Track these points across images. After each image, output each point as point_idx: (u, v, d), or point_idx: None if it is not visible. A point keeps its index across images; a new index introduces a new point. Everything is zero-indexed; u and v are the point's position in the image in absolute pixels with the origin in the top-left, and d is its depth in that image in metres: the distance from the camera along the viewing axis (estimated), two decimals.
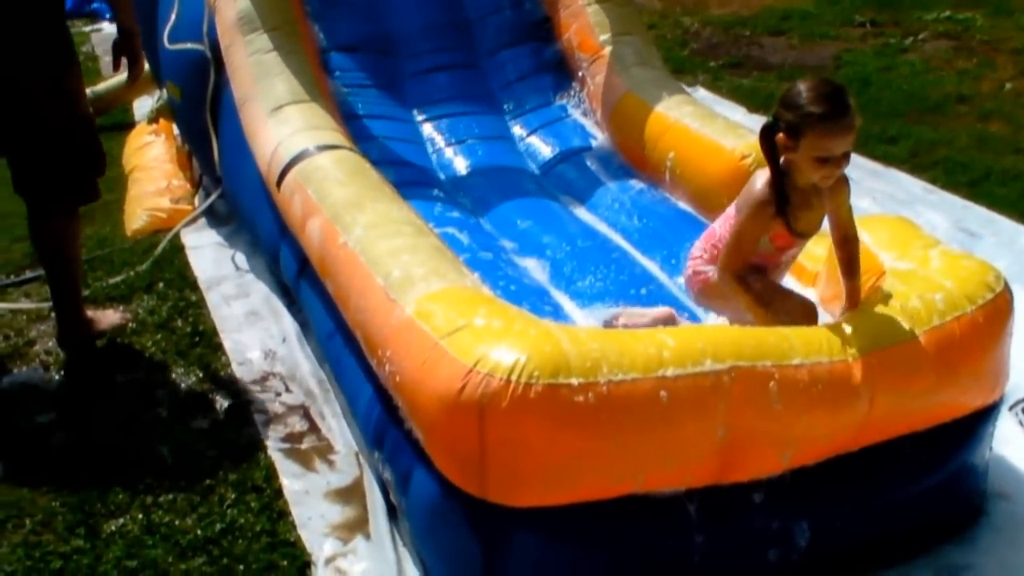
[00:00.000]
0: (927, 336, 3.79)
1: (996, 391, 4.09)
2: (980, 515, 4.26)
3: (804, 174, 3.84)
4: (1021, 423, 4.82)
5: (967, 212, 7.01)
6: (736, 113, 8.59)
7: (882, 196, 7.13)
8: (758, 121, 7.92)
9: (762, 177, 3.93)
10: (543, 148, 6.52)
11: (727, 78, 9.99)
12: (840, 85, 3.81)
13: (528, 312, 3.77)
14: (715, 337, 3.62)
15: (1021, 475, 4.49)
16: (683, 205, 5.79)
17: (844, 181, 3.97)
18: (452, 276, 3.97)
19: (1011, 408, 4.81)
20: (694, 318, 4.74)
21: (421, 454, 3.65)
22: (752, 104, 8.96)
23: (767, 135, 3.84)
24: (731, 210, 4.16)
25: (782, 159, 3.84)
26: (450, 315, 3.61)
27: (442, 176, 6.24)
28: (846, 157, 3.80)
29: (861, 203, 6.95)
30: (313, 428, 4.80)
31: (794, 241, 4.08)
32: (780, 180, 3.86)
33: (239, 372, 5.21)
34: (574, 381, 3.32)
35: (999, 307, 3.97)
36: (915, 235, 4.36)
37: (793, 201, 3.90)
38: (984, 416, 4.09)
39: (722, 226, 4.23)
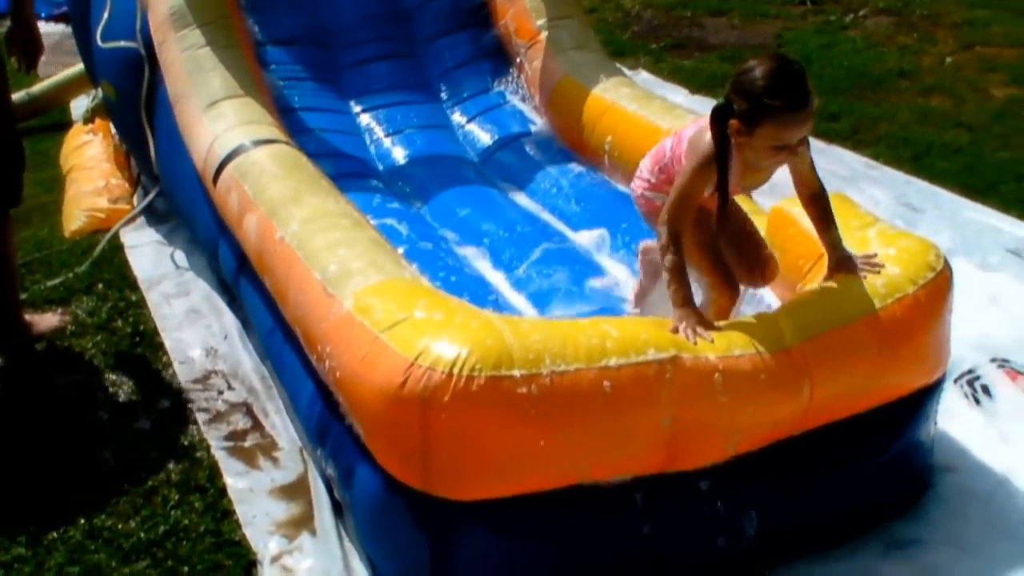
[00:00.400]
0: (868, 319, 3.78)
1: (939, 369, 4.09)
2: (927, 489, 4.27)
3: (755, 157, 3.74)
4: (967, 395, 4.84)
5: (909, 187, 7.03)
6: (678, 95, 8.60)
7: (824, 173, 6.94)
8: (700, 102, 8.07)
9: (704, 141, 3.79)
10: (482, 135, 6.50)
11: (669, 60, 9.97)
12: (798, 69, 3.64)
13: (469, 303, 3.74)
14: (657, 327, 3.60)
15: (966, 447, 4.51)
16: (622, 187, 5.75)
17: (806, 148, 3.83)
18: (390, 268, 3.93)
19: (956, 380, 4.84)
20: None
21: (364, 450, 3.61)
22: (694, 85, 8.95)
23: (719, 119, 3.69)
24: (688, 130, 4.03)
25: (732, 141, 3.72)
26: (389, 308, 3.57)
27: (381, 167, 6.21)
28: (802, 142, 3.71)
29: None
30: (256, 425, 4.75)
31: (738, 192, 4.00)
32: (724, 163, 3.75)
33: (181, 371, 5.14)
34: (517, 373, 3.29)
35: (940, 286, 3.96)
36: (853, 213, 4.34)
37: (739, 169, 3.81)
38: (928, 394, 4.09)
39: (673, 149, 4.11)
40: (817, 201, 3.97)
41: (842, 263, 3.95)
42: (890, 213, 6.45)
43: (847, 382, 3.78)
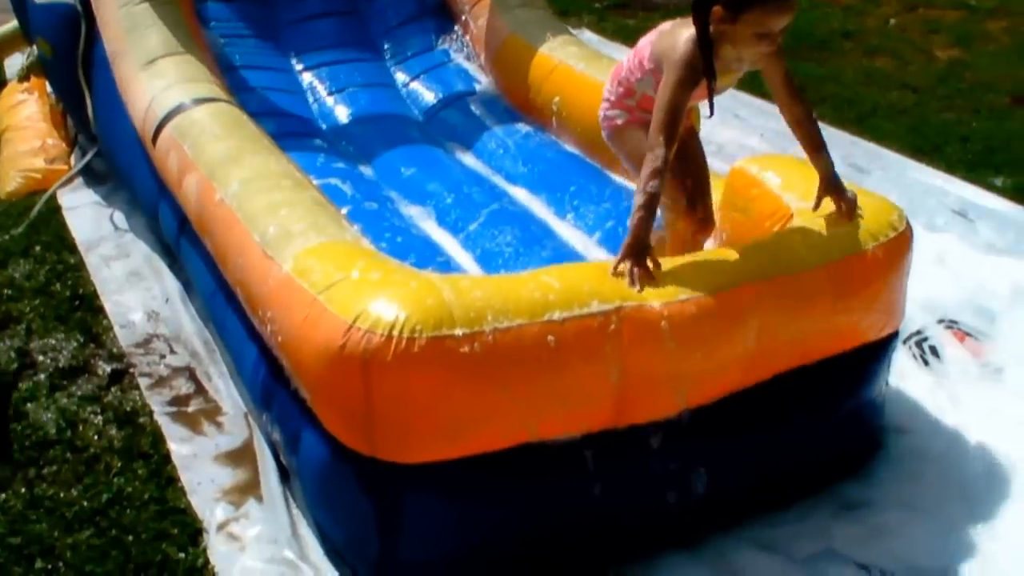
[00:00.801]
0: (824, 268, 3.77)
1: (890, 324, 4.09)
2: (878, 449, 4.29)
3: (736, 47, 3.66)
4: (915, 356, 4.87)
5: (855, 147, 7.04)
6: (622, 54, 8.44)
7: (771, 133, 7.11)
8: None
9: (684, 35, 3.68)
10: (426, 94, 6.44)
11: (612, 19, 9.95)
12: None
13: (407, 265, 3.68)
14: (600, 276, 3.54)
15: (917, 408, 4.53)
16: (570, 148, 5.74)
17: (780, 57, 3.82)
18: (331, 230, 3.87)
19: (905, 341, 4.86)
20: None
21: (309, 414, 3.56)
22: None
23: (702, 6, 3.59)
24: (645, 54, 3.94)
25: (712, 29, 3.62)
26: (327, 269, 3.51)
27: (323, 126, 6.14)
28: (782, 32, 3.64)
29: (750, 141, 6.98)
30: (200, 390, 4.68)
31: (701, 96, 3.88)
32: (709, 53, 3.64)
33: (122, 335, 5.05)
34: (458, 332, 3.22)
35: (900, 245, 3.96)
36: (814, 174, 4.32)
37: (720, 67, 3.73)
38: (879, 349, 4.09)
39: (630, 61, 4.05)
40: (804, 123, 3.95)
41: (835, 186, 3.97)
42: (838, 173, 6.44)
43: (796, 328, 3.76)
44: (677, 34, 3.73)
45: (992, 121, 7.64)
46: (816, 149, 3.95)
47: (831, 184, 3.97)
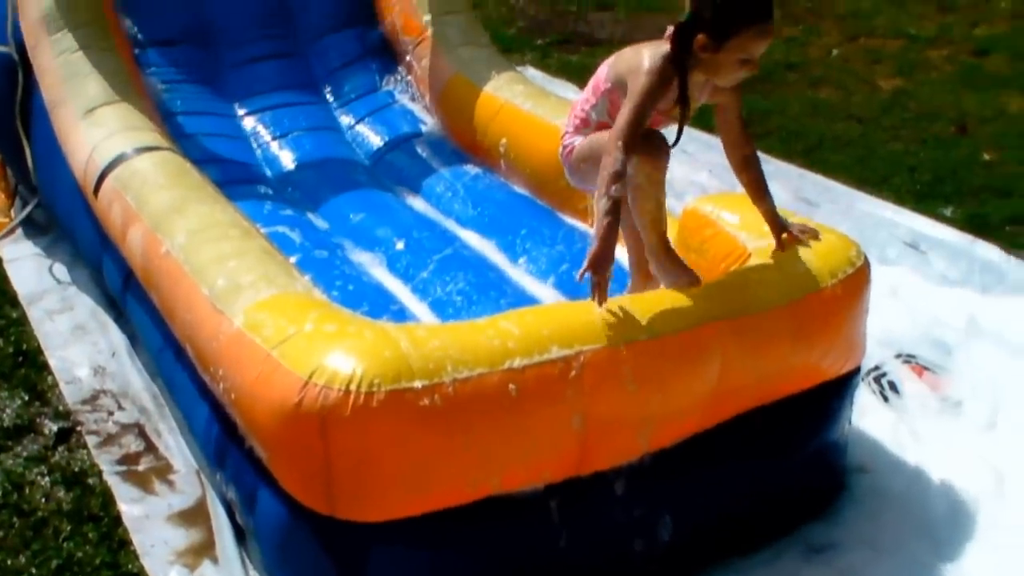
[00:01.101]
0: (784, 308, 3.75)
1: (854, 359, 4.08)
2: (842, 490, 4.26)
3: (714, 74, 3.65)
4: (875, 392, 4.87)
5: (804, 181, 7.05)
6: (567, 91, 8.49)
7: (719, 169, 7.00)
8: None
9: (653, 52, 3.64)
10: (372, 137, 6.38)
11: (556, 55, 9.92)
12: None
13: (360, 315, 3.61)
14: (559, 320, 3.48)
15: (878, 445, 4.50)
16: (520, 189, 5.69)
17: (739, 91, 3.83)
18: (282, 281, 3.79)
19: (864, 378, 4.84)
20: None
21: (265, 473, 3.48)
22: (582, 81, 8.76)
23: (684, 35, 3.57)
24: (601, 76, 3.90)
25: (695, 59, 3.61)
26: (280, 323, 3.43)
27: (268, 172, 6.06)
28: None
29: (699, 177, 6.95)
30: (150, 447, 4.56)
31: (659, 124, 3.84)
32: (685, 80, 3.62)
33: (68, 392, 4.92)
34: (417, 384, 3.16)
35: (858, 281, 3.95)
36: None
37: (695, 92, 3.71)
38: (842, 385, 4.08)
39: (584, 95, 4.01)
40: (750, 166, 3.94)
41: (783, 227, 3.97)
42: (787, 207, 6.42)
43: (759, 367, 3.73)
44: (643, 53, 3.69)
45: (938, 151, 7.68)
46: (763, 192, 3.95)
47: (779, 226, 3.98)
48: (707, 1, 3.55)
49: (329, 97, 6.58)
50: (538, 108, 5.68)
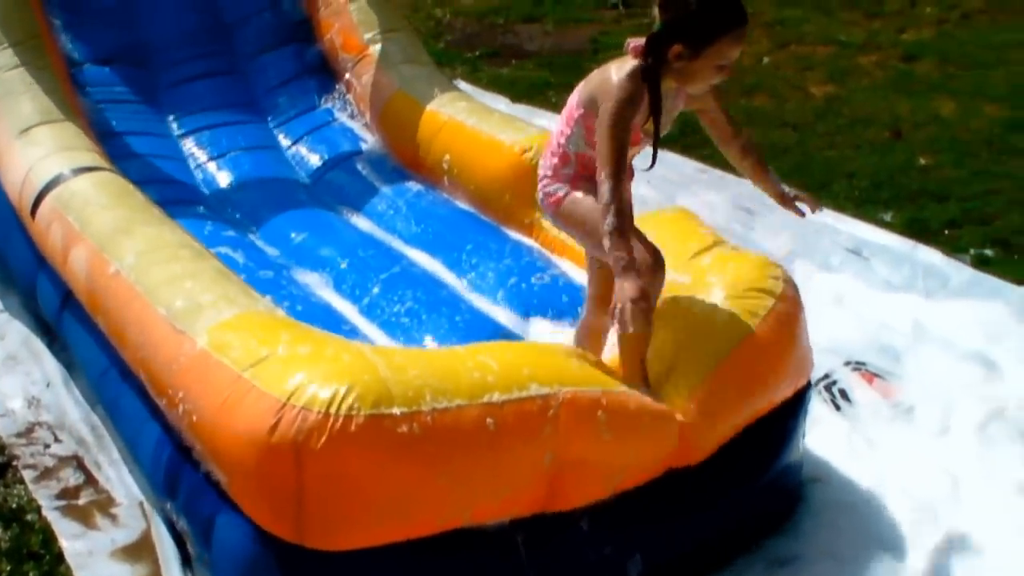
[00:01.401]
0: (727, 359, 3.75)
1: (802, 377, 4.09)
2: (799, 503, 4.25)
3: (689, 82, 3.62)
4: (826, 401, 4.89)
5: (743, 189, 6.97)
6: (499, 104, 8.45)
7: (657, 180, 6.98)
8: (524, 111, 7.97)
9: (621, 66, 3.59)
10: (311, 156, 6.30)
11: (486, 69, 9.88)
12: None
13: (335, 336, 3.57)
14: (540, 360, 3.49)
15: (833, 455, 4.50)
16: (464, 205, 5.62)
17: (716, 92, 3.85)
18: (243, 301, 3.74)
19: (814, 386, 4.80)
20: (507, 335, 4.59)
21: (226, 500, 3.39)
22: (514, 94, 8.87)
23: (657, 45, 3.53)
24: (572, 103, 3.77)
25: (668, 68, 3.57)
26: (250, 344, 3.38)
27: (208, 192, 5.97)
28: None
29: (639, 190, 6.85)
30: (90, 480, 4.44)
31: (639, 141, 3.79)
32: (657, 93, 3.57)
33: (1, 425, 4.78)
34: (397, 411, 3.12)
35: (786, 309, 3.96)
36: (692, 234, 4.33)
37: (667, 105, 3.69)
38: (794, 406, 4.07)
39: (557, 131, 3.85)
40: (748, 151, 4.04)
41: (788, 199, 4.05)
42: (727, 217, 6.48)
43: (715, 421, 3.73)
44: (609, 70, 3.63)
45: (875, 156, 7.73)
46: (765, 171, 4.02)
47: (785, 199, 4.04)
48: (683, 10, 3.52)
49: (268, 116, 6.52)
50: (482, 124, 5.63)
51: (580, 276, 4.46)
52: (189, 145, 6.22)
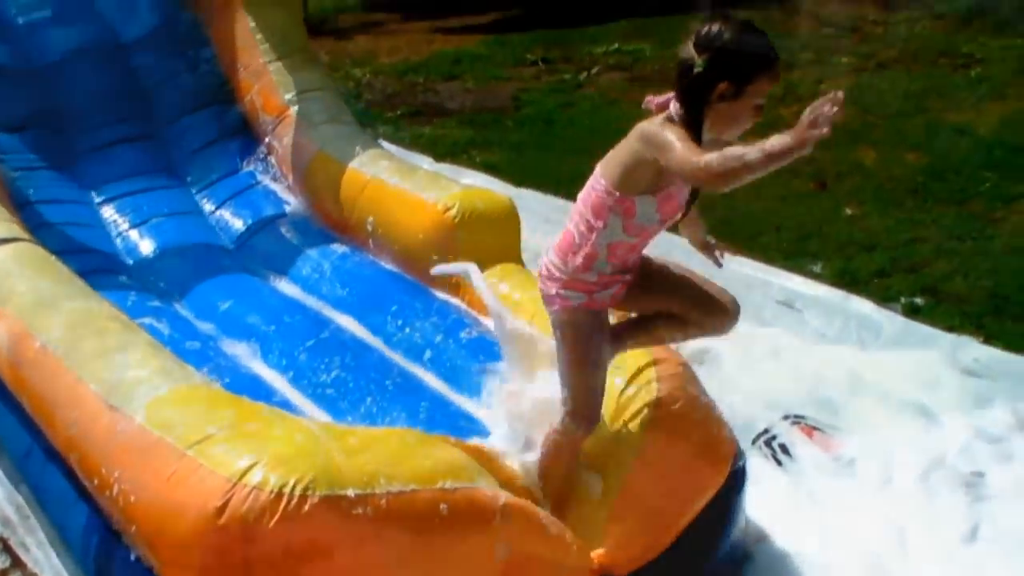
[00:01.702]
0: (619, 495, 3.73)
1: (724, 463, 3.99)
2: (747, 561, 4.21)
3: (726, 127, 3.37)
4: (767, 457, 4.84)
5: (671, 245, 6.93)
6: (423, 163, 8.40)
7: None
8: (447, 169, 7.91)
9: (656, 123, 3.39)
10: (234, 220, 6.21)
11: (408, 128, 9.85)
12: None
13: (282, 411, 3.50)
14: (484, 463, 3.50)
15: (777, 511, 4.45)
16: (389, 265, 5.53)
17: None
18: (179, 374, 3.65)
19: (754, 442, 4.85)
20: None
21: None
22: (438, 152, 8.82)
23: (703, 86, 3.33)
24: (600, 190, 3.49)
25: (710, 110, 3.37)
26: (192, 420, 3.28)
27: (130, 261, 5.87)
28: None
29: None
30: (17, 563, 4.33)
31: (677, 211, 3.60)
32: (700, 134, 3.34)
33: None
34: (351, 492, 3.05)
35: (671, 413, 3.86)
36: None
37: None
38: (724, 499, 3.99)
39: (577, 225, 3.56)
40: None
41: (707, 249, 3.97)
42: None
43: (645, 533, 3.72)
44: (631, 139, 3.47)
45: (801, 207, 7.79)
46: (697, 216, 3.91)
47: (707, 247, 4.01)
48: (726, 47, 3.35)
49: (189, 180, 6.43)
50: (405, 183, 5.54)
51: None
52: (110, 212, 6.13)
